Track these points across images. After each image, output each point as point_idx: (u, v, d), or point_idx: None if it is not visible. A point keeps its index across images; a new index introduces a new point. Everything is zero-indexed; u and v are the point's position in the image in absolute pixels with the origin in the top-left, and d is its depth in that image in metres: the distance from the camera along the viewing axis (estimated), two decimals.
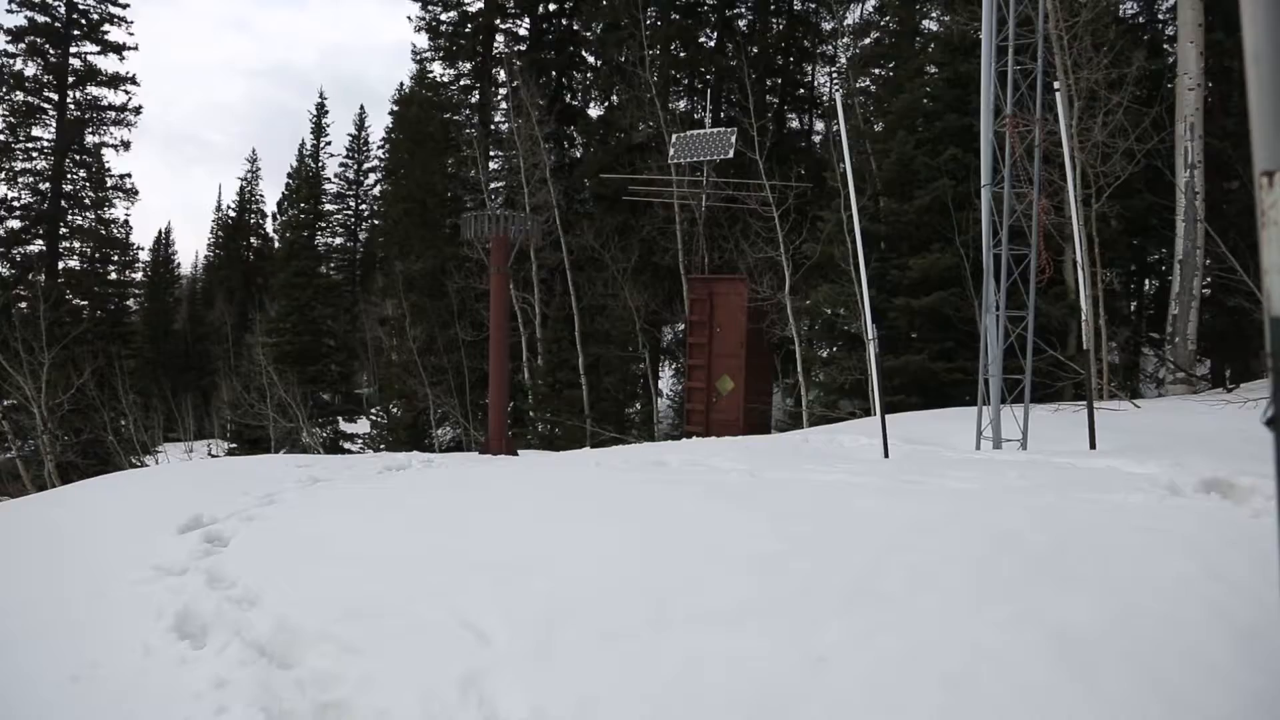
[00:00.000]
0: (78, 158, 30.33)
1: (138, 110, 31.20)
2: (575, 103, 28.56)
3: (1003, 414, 7.31)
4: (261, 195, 53.17)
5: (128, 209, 56.21)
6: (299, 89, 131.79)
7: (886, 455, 6.46)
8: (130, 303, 35.67)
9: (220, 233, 52.48)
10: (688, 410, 16.76)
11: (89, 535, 4.18)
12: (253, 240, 51.80)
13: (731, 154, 17.84)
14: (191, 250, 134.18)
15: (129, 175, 31.45)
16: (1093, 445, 6.26)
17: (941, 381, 13.59)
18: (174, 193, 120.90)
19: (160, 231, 52.34)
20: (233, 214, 51.86)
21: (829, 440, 8.51)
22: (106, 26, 30.19)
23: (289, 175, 48.03)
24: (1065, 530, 3.07)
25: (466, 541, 3.44)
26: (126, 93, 30.87)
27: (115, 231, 31.47)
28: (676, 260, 20.63)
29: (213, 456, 23.86)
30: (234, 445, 25.49)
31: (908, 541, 3.00)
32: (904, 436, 7.86)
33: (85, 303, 30.10)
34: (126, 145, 30.95)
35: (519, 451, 13.39)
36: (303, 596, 2.97)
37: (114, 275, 31.99)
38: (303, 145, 49.04)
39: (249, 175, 52.58)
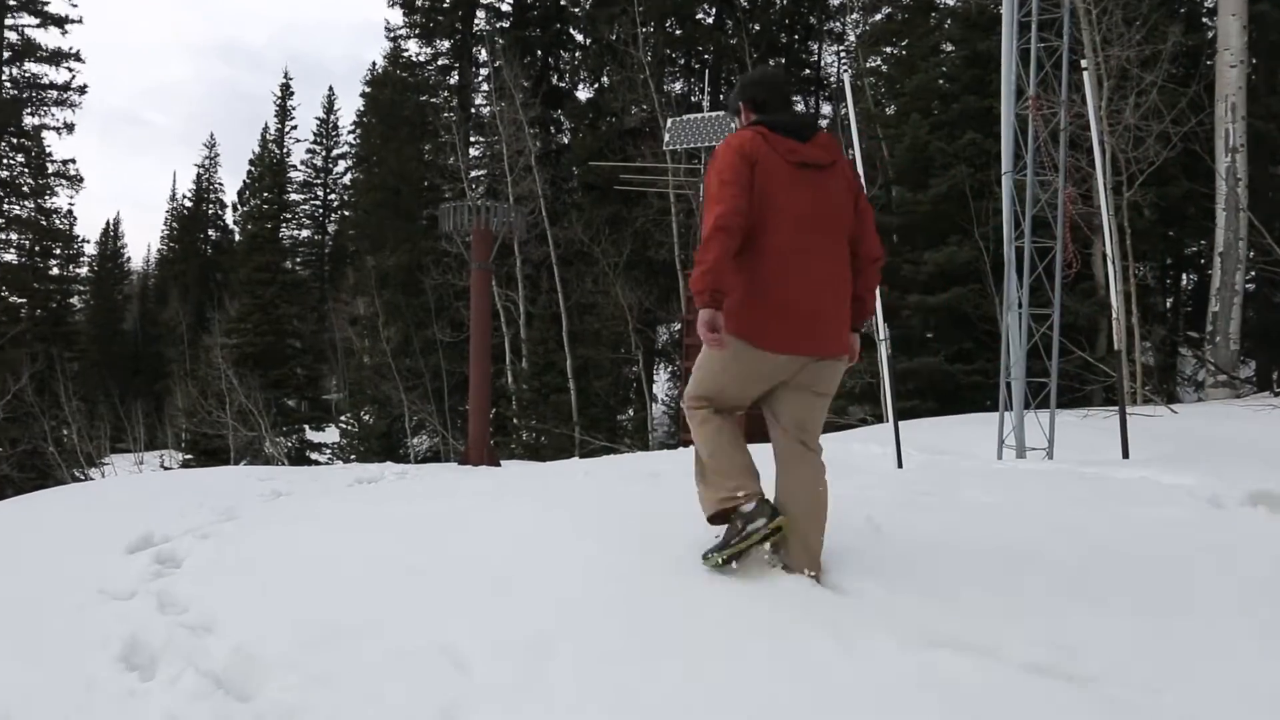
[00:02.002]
0: (15, 141, 30.09)
1: (82, 90, 30.90)
2: (563, 84, 28.57)
3: (1026, 421, 7.31)
4: (220, 184, 53.21)
5: (71, 198, 56.15)
6: (250, 67, 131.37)
7: (900, 465, 6.44)
8: (74, 300, 35.57)
9: (175, 224, 52.31)
10: (684, 417, 16.72)
11: (25, 556, 4.13)
12: (211, 233, 51.68)
13: None
14: (143, 243, 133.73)
15: (73, 161, 31.21)
16: (1125, 454, 6.26)
17: (959, 385, 13.61)
18: (122, 180, 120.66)
19: (108, 223, 52.41)
20: (189, 204, 51.72)
21: (838, 449, 8.47)
22: None
23: (251, 162, 47.92)
24: (1095, 547, 3.06)
25: (444, 560, 3.41)
26: (69, 70, 30.64)
27: (57, 222, 31.34)
28: (672, 254, 20.63)
29: (166, 469, 23.78)
30: (189, 456, 25.42)
31: (921, 559, 2.97)
32: (919, 445, 7.84)
33: (24, 300, 29.92)
34: (70, 128, 30.66)
35: (502, 462, 13.37)
36: (264, 621, 2.93)
37: (56, 270, 31.87)
38: (265, 129, 48.95)
39: (207, 162, 52.45)
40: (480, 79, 30.10)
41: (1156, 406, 10.18)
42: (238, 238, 46.27)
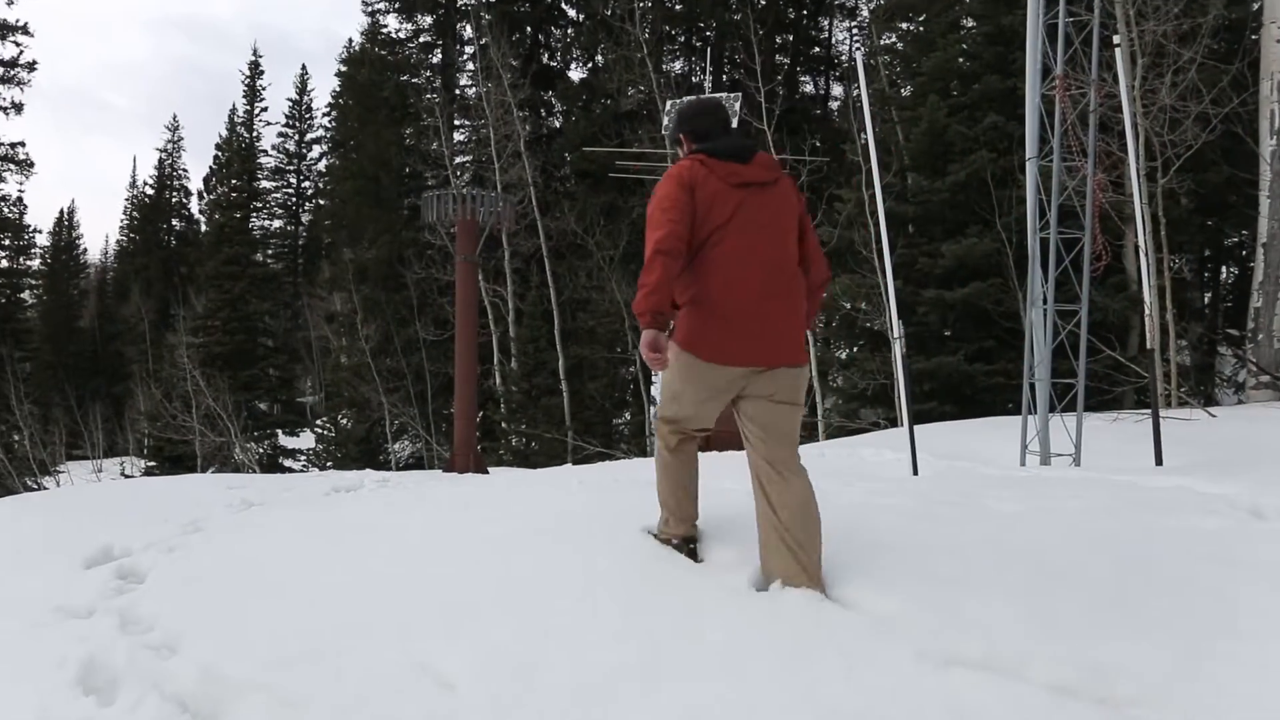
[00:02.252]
0: None
1: (31, 66, 30.60)
2: (554, 63, 28.58)
3: (1052, 425, 7.31)
4: (184, 170, 53.09)
5: (21, 184, 55.93)
6: (216, 43, 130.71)
7: (915, 472, 6.45)
8: (26, 295, 35.52)
9: (135, 214, 52.22)
10: None
11: None
12: (175, 223, 51.64)
13: (735, 124, 17.84)
14: (100, 234, 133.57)
15: (22, 144, 31.08)
16: (1159, 461, 6.26)
17: (979, 387, 13.62)
18: (77, 166, 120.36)
19: (62, 211, 52.26)
20: (150, 191, 51.68)
21: (848, 454, 8.49)
22: None
23: (217, 147, 47.92)
24: (1126, 561, 3.06)
25: (426, 573, 3.41)
26: (17, 44, 30.45)
27: (6, 210, 31.25)
28: None
29: (127, 477, 23.75)
30: (152, 464, 25.39)
31: (938, 572, 2.97)
32: (936, 451, 7.85)
33: None
34: (18, 108, 30.41)
35: (489, 469, 13.36)
36: (233, 640, 2.93)
37: (5, 263, 31.82)
38: (233, 111, 48.78)
39: (169, 146, 52.37)
40: (465, 57, 30.10)
41: (1193, 410, 10.19)
42: (204, 228, 46.21)
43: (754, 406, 3.15)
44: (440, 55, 30.65)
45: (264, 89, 47.40)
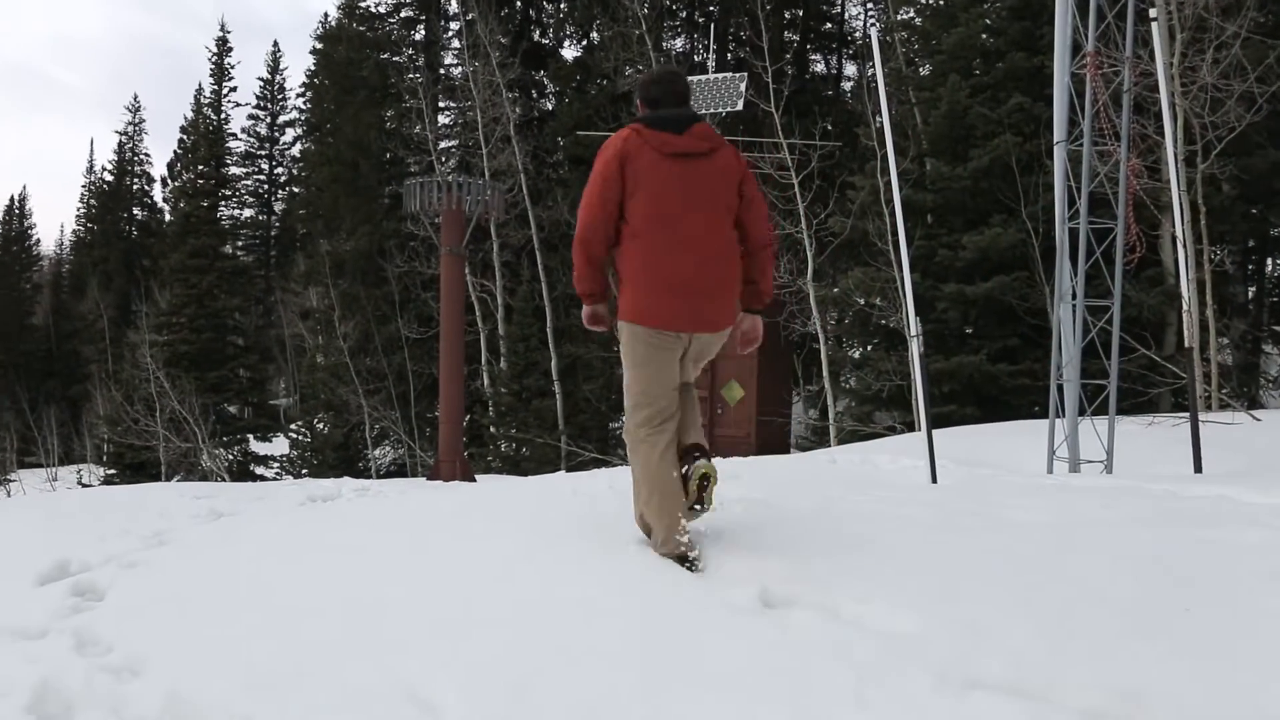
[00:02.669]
0: None
1: None
2: (546, 41, 28.58)
3: (1082, 429, 7.32)
4: (146, 154, 53.21)
5: None
6: (179, 17, 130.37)
7: (934, 480, 6.45)
8: None
9: (93, 201, 52.13)
10: None
11: None
12: (136, 212, 51.55)
13: (740, 106, 17.87)
14: (55, 223, 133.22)
15: None
16: (1198, 468, 6.27)
17: (1003, 388, 13.64)
18: (28, 149, 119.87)
19: (12, 199, 52.10)
20: (109, 178, 51.56)
21: (862, 461, 8.51)
22: None
23: (182, 129, 47.91)
24: (1162, 577, 3.05)
25: (410, 588, 3.41)
26: None
27: None
28: None
29: (84, 486, 23.74)
30: (112, 472, 25.39)
31: (958, 588, 2.98)
32: (956, 457, 7.86)
33: None
34: None
35: (477, 477, 13.37)
36: (201, 662, 2.93)
37: None
38: (199, 91, 48.77)
39: (130, 129, 52.28)
40: (450, 34, 30.11)
41: (1235, 413, 10.21)
42: (168, 218, 46.15)
43: (684, 367, 3.68)
44: (423, 32, 30.64)
45: (232, 67, 47.42)
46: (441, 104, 29.10)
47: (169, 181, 49.78)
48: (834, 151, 18.34)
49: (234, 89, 47.31)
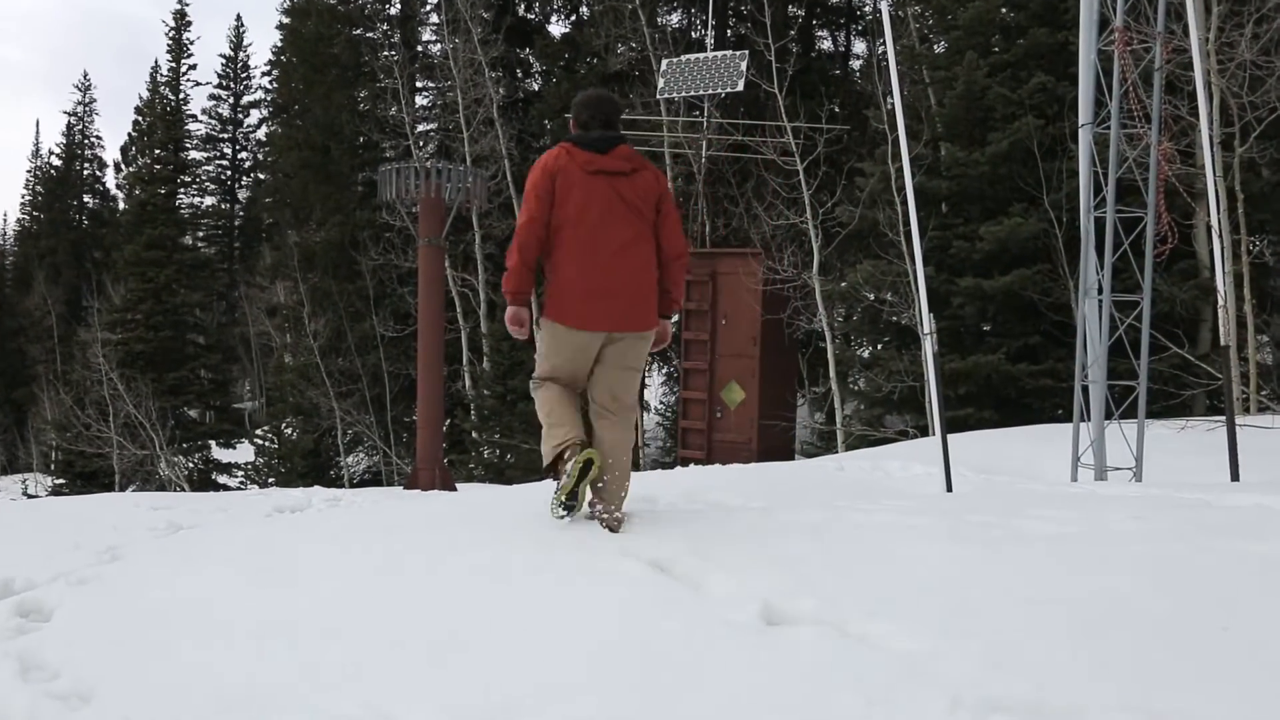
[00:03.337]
0: None
1: None
2: (532, 16, 28.55)
3: (1109, 434, 7.33)
4: (98, 137, 53.03)
5: None
6: None
7: (949, 489, 6.46)
8: None
9: (40, 188, 51.97)
10: (683, 429, 16.76)
11: None
12: (87, 199, 51.40)
13: (741, 86, 17.86)
14: None
15: None
16: (1235, 476, 6.28)
17: (1024, 390, 13.67)
18: None
19: None
20: (57, 162, 51.40)
21: (871, 468, 8.52)
22: None
23: (137, 110, 47.80)
24: (1196, 593, 3.06)
25: (384, 608, 3.40)
26: None
27: None
28: None
29: (30, 497, 23.67)
30: (61, 481, 25.34)
31: (975, 604, 2.98)
32: (974, 463, 7.87)
33: None
34: None
35: (458, 486, 13.35)
36: (157, 688, 2.91)
37: None
38: (155, 69, 48.51)
39: (80, 109, 52.09)
40: (428, 8, 30.07)
41: (1275, 416, 10.22)
42: (122, 206, 46.13)
43: (607, 371, 4.38)
44: (399, 5, 30.60)
45: (192, 43, 47.14)
46: (419, 84, 29.07)
47: (123, 167, 49.72)
48: (842, 135, 18.34)
49: (194, 67, 47.43)
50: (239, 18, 64.26)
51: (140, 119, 46.81)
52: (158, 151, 33.86)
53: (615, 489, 4.33)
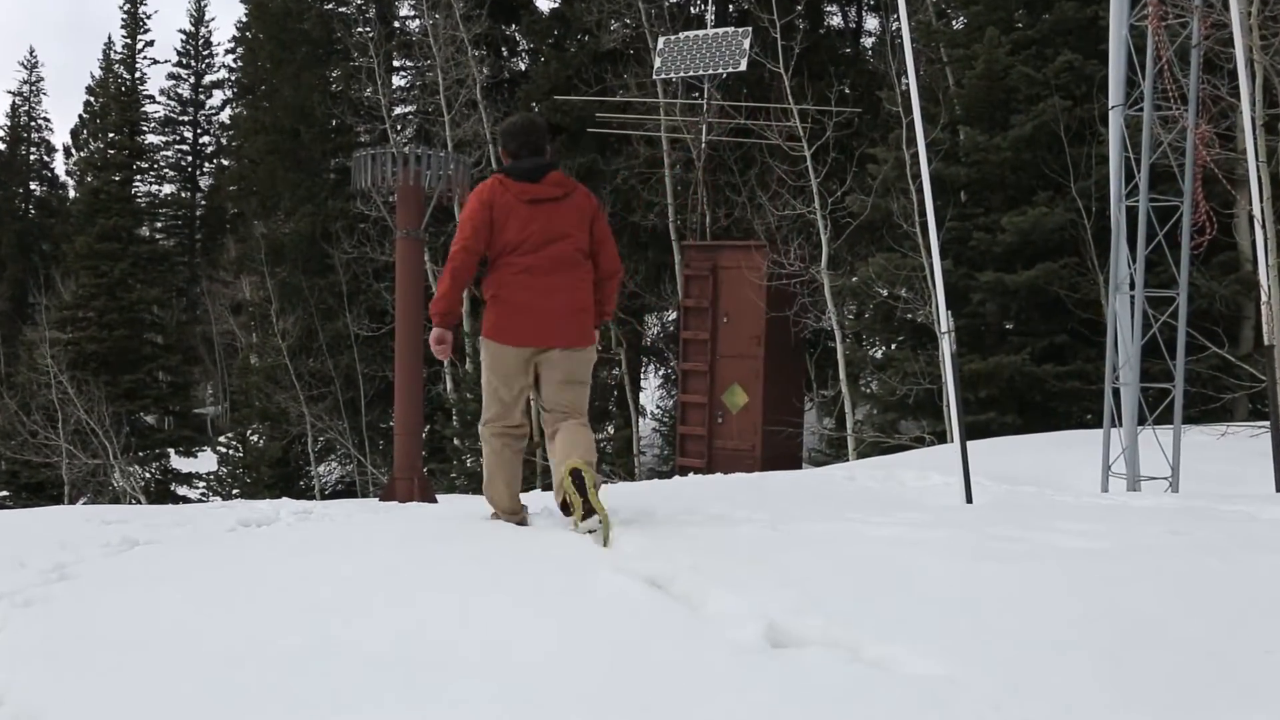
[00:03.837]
0: None
1: None
2: None
3: (1142, 440, 7.33)
4: (46, 119, 52.84)
5: None
6: None
7: (969, 500, 6.46)
8: None
9: None
10: (681, 436, 16.78)
11: None
12: (34, 186, 51.27)
13: (744, 66, 17.90)
14: None
15: None
16: None
17: (1049, 393, 13.68)
18: None
19: None
20: (1, 146, 51.23)
21: (885, 478, 8.51)
22: None
23: (89, 90, 47.72)
24: (1236, 614, 3.05)
25: (355, 631, 3.40)
26: None
27: None
28: (665, 219, 20.65)
29: None
30: (5, 493, 25.25)
31: (992, 625, 2.97)
32: (995, 473, 7.87)
33: None
34: None
35: (438, 496, 13.31)
36: (107, 717, 2.91)
37: None
38: (109, 46, 48.45)
39: (25, 89, 51.94)
40: None
41: None
42: (73, 194, 46.00)
43: (550, 387, 4.99)
44: None
45: (148, 18, 47.12)
46: (396, 63, 29.03)
47: (73, 151, 49.62)
48: (852, 119, 18.34)
49: (150, 43, 47.09)
50: None
51: (92, 100, 46.76)
52: (112, 135, 33.82)
53: (580, 447, 4.88)
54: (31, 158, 51.51)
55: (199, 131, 48.90)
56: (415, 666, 3.04)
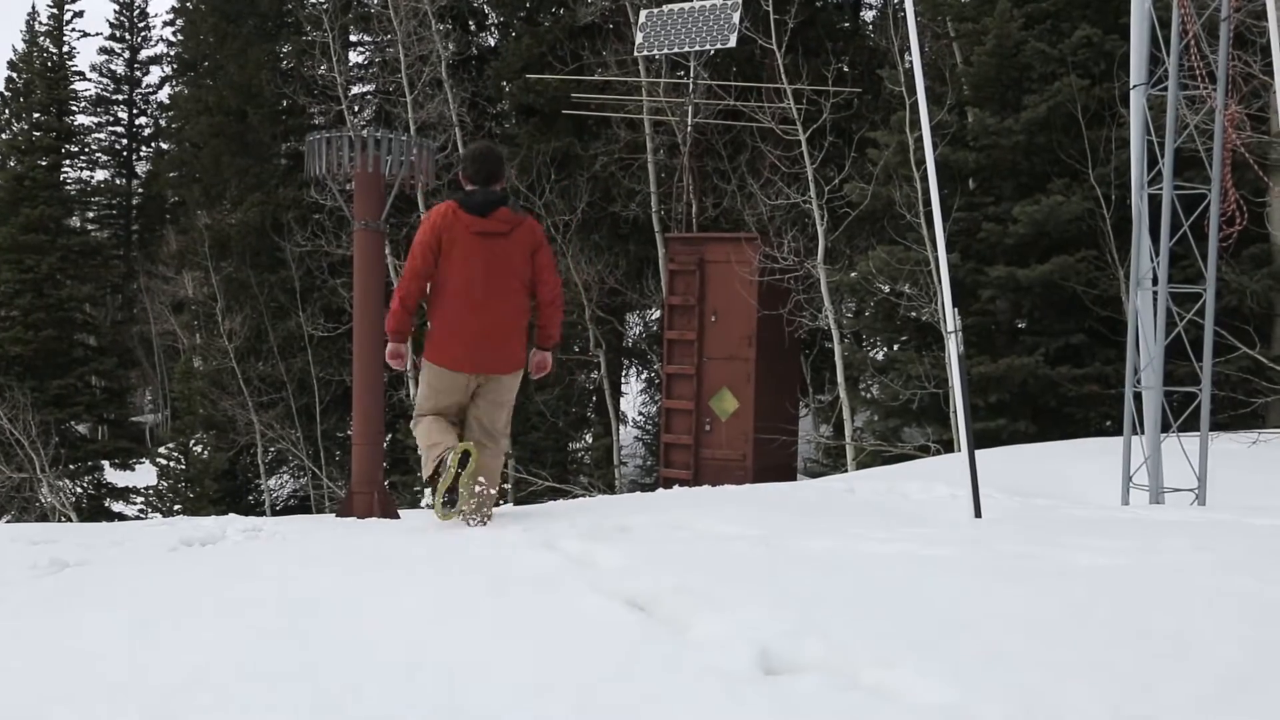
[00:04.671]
0: None
1: None
2: None
3: (1166, 448, 7.37)
4: None
5: None
6: None
7: (978, 514, 6.47)
8: None
9: None
10: (665, 445, 16.78)
11: None
12: None
13: (734, 42, 17.92)
14: None
15: None
16: None
17: (1065, 398, 13.74)
18: None
19: None
20: None
21: (887, 490, 8.52)
22: None
23: (11, 66, 47.29)
24: (1271, 635, 3.07)
25: (310, 658, 3.38)
26: None
27: None
28: (648, 209, 20.66)
29: None
30: None
31: (1002, 648, 2.98)
32: (1007, 484, 7.89)
33: None
34: None
35: (401, 513, 13.27)
36: None
37: None
38: (33, 16, 47.96)
39: None
40: None
41: None
42: None
43: (481, 408, 6.17)
44: None
45: None
46: (354, 38, 28.99)
47: None
48: (851, 100, 18.38)
49: (80, 14, 46.66)
50: None
51: (15, 76, 46.34)
52: (37, 115, 33.63)
53: (487, 503, 5.88)
54: None
55: (135, 112, 48.56)
56: (367, 700, 3.03)
